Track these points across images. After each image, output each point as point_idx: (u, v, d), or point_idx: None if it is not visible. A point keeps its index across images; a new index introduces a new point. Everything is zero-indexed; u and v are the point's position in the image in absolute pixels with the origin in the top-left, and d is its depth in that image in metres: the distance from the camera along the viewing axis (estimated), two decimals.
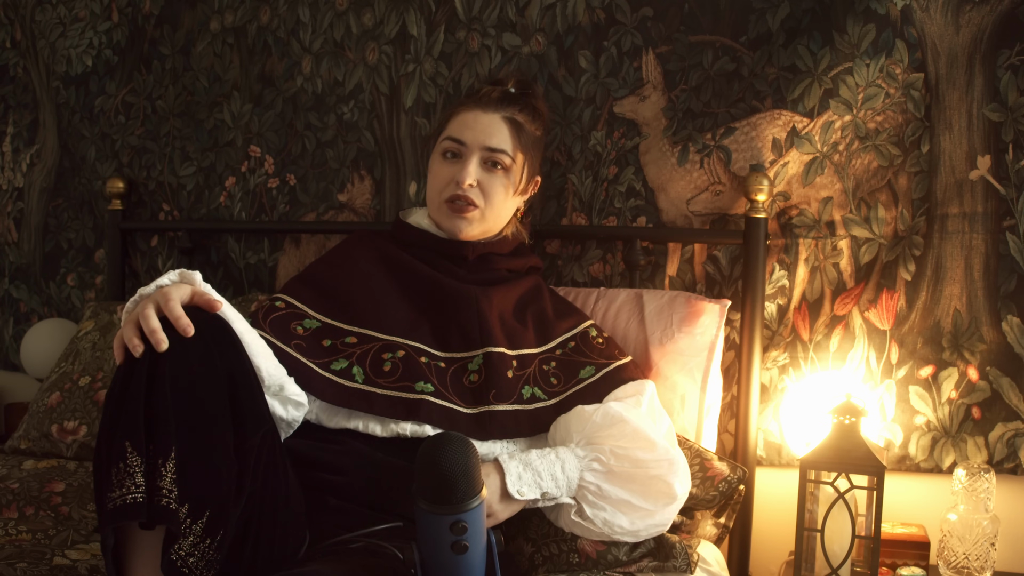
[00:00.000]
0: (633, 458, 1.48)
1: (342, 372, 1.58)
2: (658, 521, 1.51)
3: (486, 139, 1.68)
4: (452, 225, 1.69)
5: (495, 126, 1.69)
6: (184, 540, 1.20)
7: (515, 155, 1.70)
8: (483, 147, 1.68)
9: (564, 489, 1.46)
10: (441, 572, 1.23)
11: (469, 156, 1.68)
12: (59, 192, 2.59)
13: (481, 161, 1.68)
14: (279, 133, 2.32)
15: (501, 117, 1.70)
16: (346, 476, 1.50)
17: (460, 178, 1.66)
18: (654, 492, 1.49)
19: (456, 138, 1.69)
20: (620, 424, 1.51)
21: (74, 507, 1.78)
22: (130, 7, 2.46)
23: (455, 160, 1.69)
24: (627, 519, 1.48)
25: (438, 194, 1.70)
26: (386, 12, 2.22)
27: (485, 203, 1.68)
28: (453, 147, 1.69)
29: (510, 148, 1.69)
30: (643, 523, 1.49)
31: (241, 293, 2.35)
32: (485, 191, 1.68)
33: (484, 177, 1.68)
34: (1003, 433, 1.84)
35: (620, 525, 1.48)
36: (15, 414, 2.54)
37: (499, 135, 1.69)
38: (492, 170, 1.69)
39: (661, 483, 1.49)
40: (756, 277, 1.91)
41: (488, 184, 1.68)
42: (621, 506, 1.48)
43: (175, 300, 1.26)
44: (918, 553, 1.78)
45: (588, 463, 1.47)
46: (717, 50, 1.99)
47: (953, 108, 1.86)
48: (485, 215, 1.69)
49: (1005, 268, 1.84)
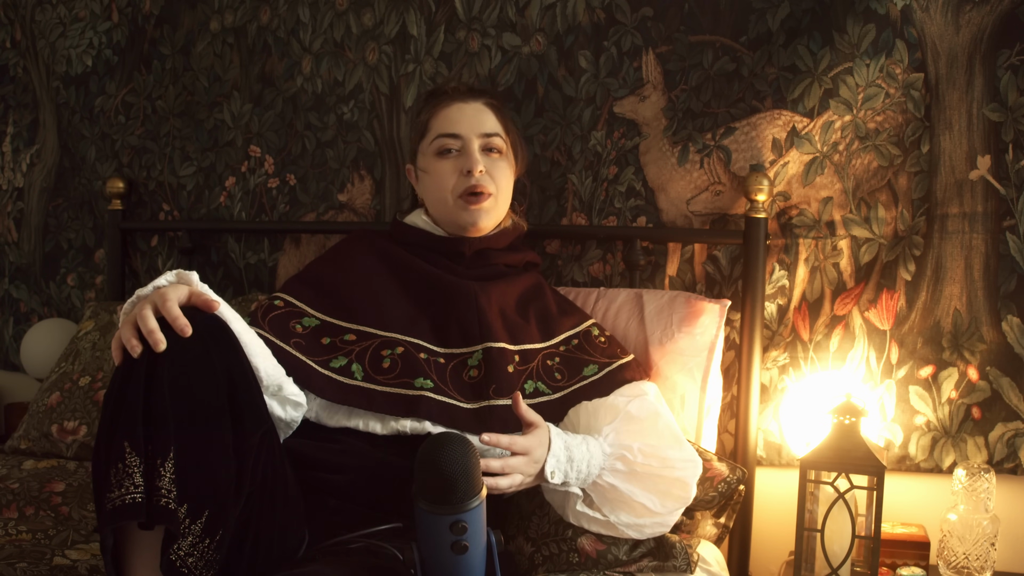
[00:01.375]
0: (661, 456, 1.49)
1: (341, 370, 1.58)
2: (665, 521, 1.51)
3: (479, 126, 1.70)
4: (471, 218, 1.68)
5: (482, 113, 1.71)
6: (183, 540, 1.20)
7: (506, 136, 1.72)
8: (479, 134, 1.69)
9: (581, 481, 1.46)
10: (441, 572, 1.23)
11: (469, 146, 1.69)
12: (59, 192, 2.59)
13: (481, 148, 1.69)
14: (279, 133, 2.32)
15: (483, 103, 1.73)
16: (346, 476, 1.50)
17: (469, 167, 1.66)
18: (673, 495, 1.50)
19: (450, 133, 1.69)
20: (654, 418, 1.52)
21: (74, 507, 1.78)
22: (130, 7, 2.46)
23: (456, 155, 1.69)
24: (636, 517, 1.48)
25: (450, 192, 1.68)
26: (386, 12, 2.22)
27: (496, 188, 1.69)
28: (448, 143, 1.69)
29: (501, 130, 1.72)
30: (650, 520, 1.50)
31: (241, 293, 2.35)
32: (493, 176, 1.69)
33: (488, 163, 1.69)
34: (1003, 433, 1.84)
35: (627, 523, 1.49)
36: (15, 414, 2.54)
37: (489, 120, 1.71)
38: (491, 155, 1.70)
39: (682, 485, 1.50)
40: (756, 277, 1.91)
41: (493, 169, 1.69)
42: (633, 506, 1.48)
43: (172, 300, 1.26)
44: (918, 553, 1.78)
45: (612, 462, 1.47)
46: (717, 50, 1.99)
47: (953, 108, 1.86)
48: (498, 200, 1.70)
49: (1005, 268, 1.84)
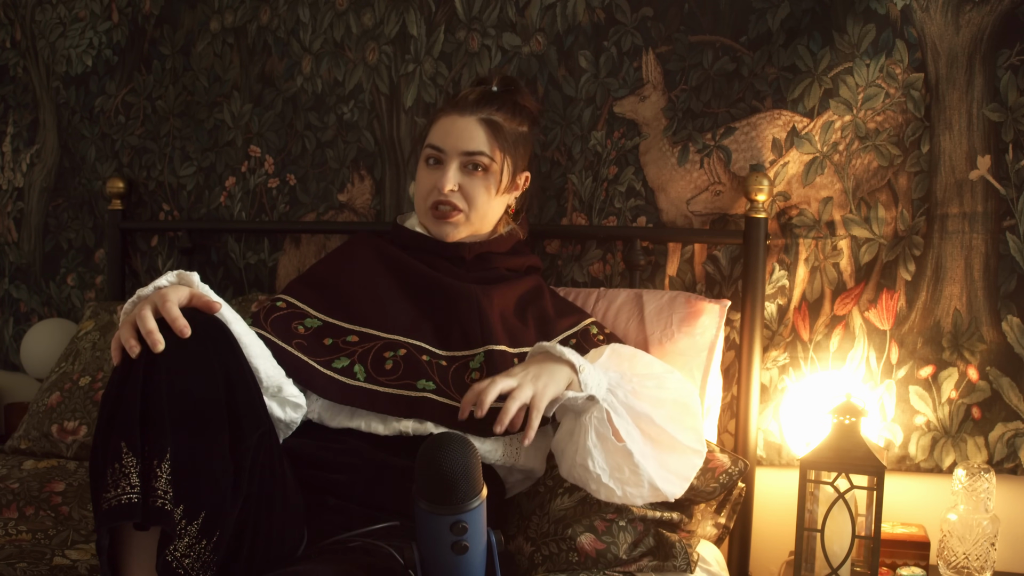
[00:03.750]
0: (656, 382, 1.51)
1: (344, 370, 1.58)
2: (679, 468, 1.49)
3: (463, 144, 1.70)
4: (438, 230, 1.72)
5: (471, 130, 1.71)
6: (179, 541, 1.20)
7: (494, 155, 1.71)
8: (461, 152, 1.70)
9: (603, 386, 1.46)
10: (441, 572, 1.23)
11: (448, 162, 1.70)
12: (59, 192, 2.59)
13: (460, 166, 1.70)
14: (279, 133, 2.32)
15: (477, 120, 1.71)
16: (347, 475, 1.50)
17: (440, 184, 1.69)
18: (687, 424, 1.50)
19: (435, 145, 1.72)
20: (637, 356, 1.56)
21: (74, 507, 1.78)
22: (130, 7, 2.46)
23: (436, 167, 1.72)
24: (651, 447, 1.46)
25: (423, 201, 1.73)
26: (386, 12, 2.22)
27: (468, 207, 1.70)
28: (434, 154, 1.72)
29: (488, 149, 1.70)
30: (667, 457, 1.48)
31: (241, 293, 2.35)
32: (467, 195, 1.70)
33: (465, 181, 1.70)
34: (1003, 433, 1.84)
35: (641, 450, 1.45)
36: (15, 414, 2.54)
37: (476, 138, 1.70)
38: (472, 173, 1.70)
39: (690, 415, 1.51)
40: (756, 277, 1.91)
41: (469, 187, 1.70)
42: (645, 424, 1.46)
43: (172, 301, 1.26)
44: (918, 553, 1.78)
45: (614, 379, 1.48)
46: (717, 50, 1.99)
47: (953, 108, 1.86)
48: (470, 218, 1.71)
49: (1005, 268, 1.84)
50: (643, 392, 1.47)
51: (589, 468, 1.45)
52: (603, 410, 1.43)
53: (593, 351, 1.58)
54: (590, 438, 1.44)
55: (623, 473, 1.45)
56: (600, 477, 1.45)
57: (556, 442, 1.52)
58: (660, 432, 1.47)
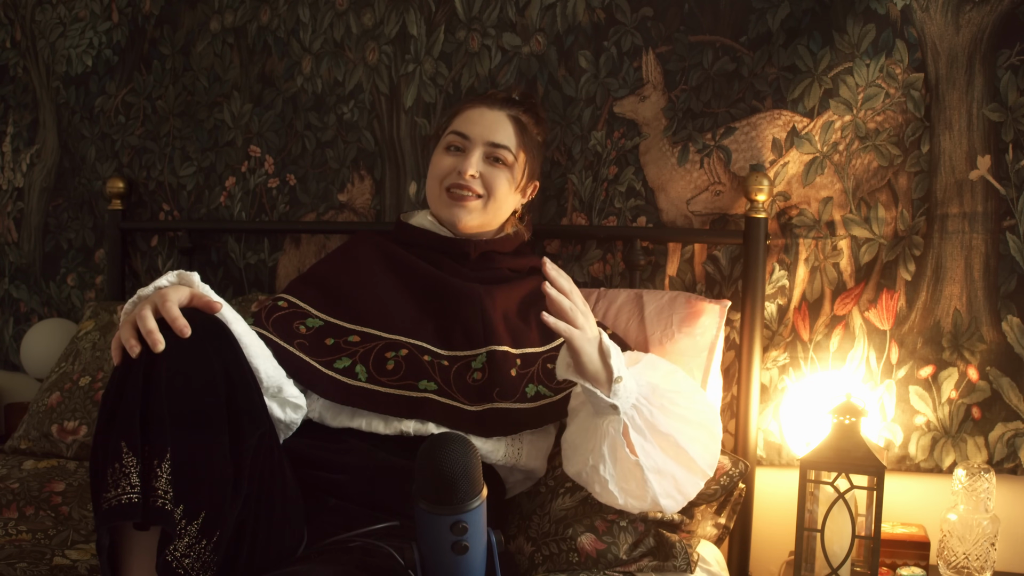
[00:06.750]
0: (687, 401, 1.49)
1: (345, 371, 1.58)
2: (685, 488, 1.48)
3: (491, 134, 1.70)
4: (451, 214, 1.70)
5: (500, 122, 1.72)
6: (179, 541, 1.20)
7: (517, 153, 1.72)
8: (487, 142, 1.70)
9: (629, 400, 1.42)
10: (441, 572, 1.23)
11: (472, 149, 1.70)
12: (59, 192, 2.59)
13: (484, 155, 1.71)
14: (279, 133, 2.32)
15: (506, 115, 1.73)
16: (348, 475, 1.50)
17: (463, 168, 1.68)
18: (710, 448, 1.49)
19: (461, 132, 1.72)
20: (674, 372, 1.52)
21: (74, 507, 1.78)
22: (130, 7, 2.46)
23: (458, 153, 1.72)
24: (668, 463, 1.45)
25: (439, 183, 1.71)
26: (386, 12, 2.22)
27: (488, 194, 1.70)
28: (457, 141, 1.72)
29: (513, 145, 1.71)
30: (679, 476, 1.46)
31: (241, 293, 2.35)
32: (487, 183, 1.70)
33: (487, 170, 1.70)
34: (1003, 433, 1.84)
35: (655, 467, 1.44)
36: (15, 414, 2.54)
37: (504, 131, 1.71)
38: (494, 164, 1.71)
39: (713, 439, 1.49)
40: (756, 277, 1.91)
41: (491, 176, 1.70)
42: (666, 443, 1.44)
43: (172, 301, 1.26)
44: (918, 553, 1.78)
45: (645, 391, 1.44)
46: (717, 50, 1.99)
47: (953, 108, 1.86)
48: (487, 207, 1.71)
49: (1005, 268, 1.84)
50: (672, 410, 1.45)
51: (600, 471, 1.45)
52: (621, 422, 1.42)
53: (630, 353, 1.57)
54: (606, 443, 1.44)
55: (629, 484, 1.45)
56: (607, 483, 1.45)
57: (569, 437, 1.52)
58: (680, 453, 1.46)
